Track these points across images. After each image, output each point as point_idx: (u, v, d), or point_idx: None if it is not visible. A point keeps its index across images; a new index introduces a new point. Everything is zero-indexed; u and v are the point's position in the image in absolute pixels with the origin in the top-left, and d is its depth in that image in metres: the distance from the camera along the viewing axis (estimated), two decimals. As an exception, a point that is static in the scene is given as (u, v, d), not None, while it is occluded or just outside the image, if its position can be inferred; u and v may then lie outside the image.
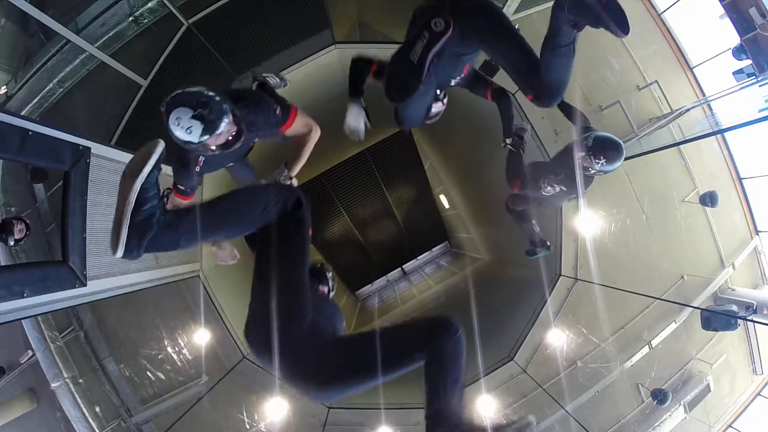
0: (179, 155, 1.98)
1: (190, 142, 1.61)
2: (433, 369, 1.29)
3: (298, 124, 2.02)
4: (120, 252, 1.29)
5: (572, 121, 2.85)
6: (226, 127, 1.64)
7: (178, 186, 2.08)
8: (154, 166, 1.31)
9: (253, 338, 1.54)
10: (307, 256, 1.56)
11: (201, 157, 1.99)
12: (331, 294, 2.20)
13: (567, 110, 2.90)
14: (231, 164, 2.43)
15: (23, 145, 2.19)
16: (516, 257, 6.63)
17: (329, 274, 2.20)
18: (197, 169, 2.06)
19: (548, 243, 3.48)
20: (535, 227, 3.43)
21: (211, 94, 1.62)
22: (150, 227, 1.33)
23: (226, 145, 1.74)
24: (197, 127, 1.58)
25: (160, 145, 1.34)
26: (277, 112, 1.96)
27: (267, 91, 2.31)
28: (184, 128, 1.58)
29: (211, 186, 3.70)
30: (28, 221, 3.67)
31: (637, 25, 4.75)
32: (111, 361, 4.64)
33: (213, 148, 1.71)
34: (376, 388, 1.39)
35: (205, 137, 1.61)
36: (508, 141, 3.00)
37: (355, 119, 2.24)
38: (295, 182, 2.04)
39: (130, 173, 1.30)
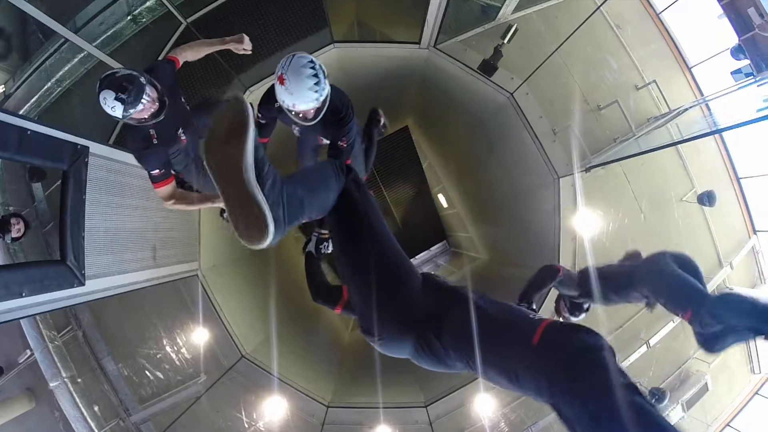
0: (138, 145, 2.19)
1: (115, 117, 1.97)
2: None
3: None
4: (270, 233, 1.00)
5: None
6: (146, 105, 1.98)
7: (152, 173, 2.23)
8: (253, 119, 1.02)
9: (388, 317, 1.31)
10: (378, 208, 1.43)
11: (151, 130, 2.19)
12: None
13: None
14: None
15: (22, 144, 2.19)
16: (514, 256, 6.63)
17: None
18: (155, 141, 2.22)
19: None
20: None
21: (133, 78, 1.92)
22: (282, 192, 1.08)
23: (153, 116, 2.07)
24: (119, 107, 1.92)
25: (246, 99, 1.06)
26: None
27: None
28: (110, 107, 1.92)
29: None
30: (26, 219, 3.66)
31: (635, 25, 4.77)
32: (109, 361, 4.64)
33: (140, 118, 2.03)
34: (374, 387, 1.37)
35: (129, 113, 1.95)
36: None
37: None
38: None
39: (231, 133, 0.98)
